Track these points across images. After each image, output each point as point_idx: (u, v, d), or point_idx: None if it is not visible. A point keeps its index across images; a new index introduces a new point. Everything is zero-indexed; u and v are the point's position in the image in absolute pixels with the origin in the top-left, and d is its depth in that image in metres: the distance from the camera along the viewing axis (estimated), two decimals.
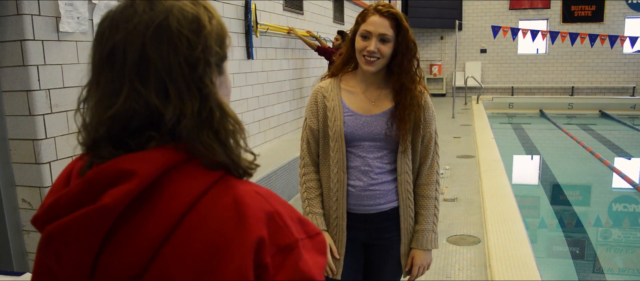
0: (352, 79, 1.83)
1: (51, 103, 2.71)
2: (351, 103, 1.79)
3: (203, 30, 0.71)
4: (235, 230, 0.66)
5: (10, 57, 2.60)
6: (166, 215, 0.66)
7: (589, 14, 14.08)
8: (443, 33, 15.21)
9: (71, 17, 2.78)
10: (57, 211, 0.67)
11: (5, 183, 2.74)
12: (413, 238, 1.85)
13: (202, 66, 0.70)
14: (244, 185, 0.72)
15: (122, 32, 0.68)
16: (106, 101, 0.69)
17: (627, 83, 14.20)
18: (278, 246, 0.69)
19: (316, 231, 0.75)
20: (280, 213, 0.70)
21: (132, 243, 0.65)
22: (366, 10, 1.74)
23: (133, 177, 0.65)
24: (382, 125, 1.75)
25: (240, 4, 4.96)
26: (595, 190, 6.58)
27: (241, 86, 5.04)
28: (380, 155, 1.78)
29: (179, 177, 0.68)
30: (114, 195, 0.64)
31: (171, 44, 0.68)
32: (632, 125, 10.74)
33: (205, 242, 0.65)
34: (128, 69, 0.68)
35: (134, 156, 0.67)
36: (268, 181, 4.40)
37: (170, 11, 0.69)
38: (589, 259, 4.39)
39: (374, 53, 1.69)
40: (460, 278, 3.19)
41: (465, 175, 5.64)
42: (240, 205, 0.68)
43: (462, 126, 9.19)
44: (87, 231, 0.65)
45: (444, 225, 4.10)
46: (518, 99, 13.70)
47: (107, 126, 0.69)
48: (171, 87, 0.68)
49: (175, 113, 0.68)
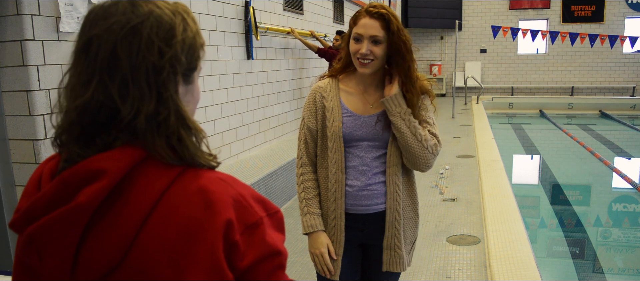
0: (351, 80, 1.83)
1: (51, 103, 2.71)
2: (349, 104, 1.79)
3: (174, 39, 0.75)
4: (204, 214, 0.71)
5: (10, 57, 2.60)
6: (138, 207, 0.71)
7: (589, 14, 14.08)
8: (443, 33, 15.21)
9: (71, 17, 2.78)
10: (34, 214, 0.71)
11: (5, 183, 2.74)
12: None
13: (166, 73, 0.74)
14: (208, 173, 0.77)
15: (98, 28, 0.73)
16: (78, 89, 0.73)
17: (627, 83, 14.20)
18: (245, 225, 0.75)
19: (275, 209, 0.81)
20: (243, 195, 0.76)
21: (108, 237, 0.70)
22: (358, 13, 1.74)
23: (104, 175, 0.70)
24: (380, 125, 1.76)
25: (241, 4, 4.96)
26: (595, 190, 6.58)
27: (241, 86, 5.04)
28: (378, 154, 1.78)
29: (146, 170, 0.73)
30: (88, 194, 0.69)
31: (140, 48, 0.72)
32: (632, 125, 10.74)
33: (177, 228, 0.70)
34: (99, 63, 0.72)
35: (103, 156, 0.71)
36: (268, 181, 4.39)
37: (147, 17, 0.74)
38: (589, 259, 4.39)
39: (367, 55, 1.69)
40: (460, 278, 3.19)
41: (465, 175, 5.64)
42: (206, 192, 0.73)
43: (462, 126, 9.19)
44: (66, 229, 0.70)
45: (444, 225, 4.11)
46: (518, 99, 13.69)
47: (78, 113, 0.73)
48: (132, 86, 0.72)
49: (132, 111, 0.72)
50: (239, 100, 5.01)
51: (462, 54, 14.93)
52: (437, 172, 5.78)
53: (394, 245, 1.83)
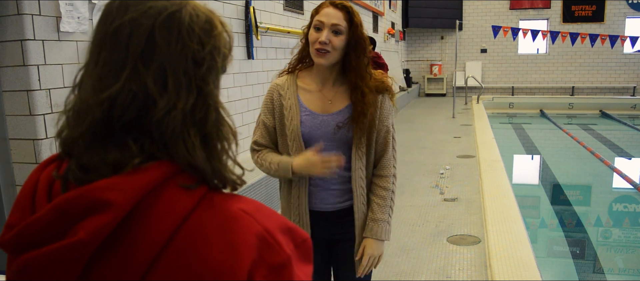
0: (308, 76, 1.80)
1: (52, 103, 2.71)
2: (308, 102, 1.77)
3: (214, 31, 0.70)
4: (225, 258, 0.62)
5: (10, 56, 2.60)
6: (149, 244, 0.61)
7: (590, 14, 14.08)
8: (443, 33, 15.21)
9: (72, 17, 2.78)
10: (28, 240, 0.63)
11: (5, 183, 2.74)
12: (366, 227, 1.79)
13: (207, 65, 0.68)
14: (229, 204, 0.67)
15: (132, 13, 0.66)
16: (106, 80, 0.65)
17: (627, 83, 14.20)
18: (271, 266, 0.66)
19: (303, 237, 0.73)
20: (269, 230, 0.67)
21: (115, 276, 0.62)
22: (321, 4, 1.73)
23: (109, 208, 0.60)
24: (338, 124, 1.73)
25: (241, 4, 4.96)
26: (595, 190, 6.58)
27: (241, 86, 5.04)
28: (338, 153, 1.75)
29: (160, 200, 0.63)
30: (89, 229, 0.60)
31: (180, 36, 0.66)
32: (632, 125, 10.74)
33: (194, 272, 0.62)
34: (132, 49, 0.65)
35: (110, 182, 0.62)
36: (267, 181, 4.40)
37: (185, 6, 0.68)
38: (589, 259, 4.39)
39: (326, 44, 1.65)
40: (460, 278, 3.19)
41: (466, 175, 5.64)
42: (228, 232, 0.64)
43: (463, 126, 9.19)
44: (64, 266, 0.62)
45: (444, 225, 4.10)
46: (518, 99, 13.69)
47: (104, 108, 0.64)
48: (171, 76, 0.65)
49: (169, 105, 0.64)
50: (240, 100, 5.01)
51: (462, 54, 14.93)
52: (438, 172, 5.78)
53: (366, 235, 1.80)
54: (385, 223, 1.79)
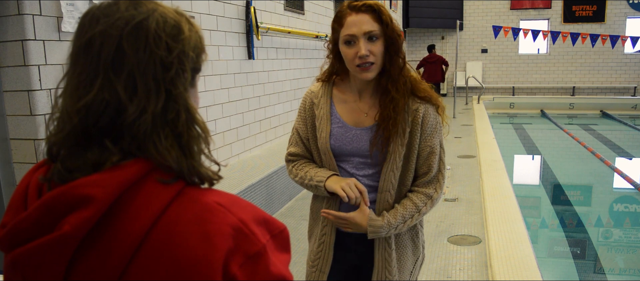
0: (345, 85, 1.62)
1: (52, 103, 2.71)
2: (343, 113, 1.59)
3: (181, 35, 0.73)
4: (201, 247, 0.66)
5: (11, 56, 2.61)
6: (129, 235, 0.65)
7: (590, 14, 14.07)
8: (444, 33, 15.21)
9: (72, 17, 2.78)
10: (18, 237, 0.68)
11: (6, 183, 2.74)
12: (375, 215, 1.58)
13: (175, 69, 0.71)
14: (205, 197, 0.71)
15: (101, 25, 0.70)
16: (81, 89, 0.70)
17: (628, 83, 14.19)
18: (247, 255, 0.69)
19: (279, 228, 0.76)
20: (244, 221, 0.70)
21: (98, 266, 0.66)
22: (340, 12, 1.50)
23: (91, 203, 0.65)
24: (370, 140, 1.54)
25: (242, 4, 4.96)
26: (596, 190, 6.57)
27: (242, 86, 5.04)
28: (371, 172, 1.58)
29: (138, 195, 0.67)
30: (73, 223, 0.64)
31: (147, 43, 0.70)
32: (633, 125, 10.74)
33: (172, 261, 0.65)
34: (103, 59, 0.69)
35: (90, 179, 0.66)
36: (269, 181, 4.40)
37: (152, 13, 0.72)
38: (590, 259, 4.39)
39: (368, 57, 1.45)
40: (461, 278, 3.18)
41: (466, 175, 5.64)
42: (204, 222, 0.67)
43: (463, 126, 9.19)
44: (51, 259, 0.66)
45: (444, 225, 4.10)
46: (519, 99, 13.69)
47: (81, 116, 0.69)
48: (140, 82, 0.69)
49: (139, 109, 0.68)
50: (240, 100, 5.01)
51: (463, 54, 14.93)
52: None
53: (385, 278, 1.61)
54: (387, 224, 1.55)
